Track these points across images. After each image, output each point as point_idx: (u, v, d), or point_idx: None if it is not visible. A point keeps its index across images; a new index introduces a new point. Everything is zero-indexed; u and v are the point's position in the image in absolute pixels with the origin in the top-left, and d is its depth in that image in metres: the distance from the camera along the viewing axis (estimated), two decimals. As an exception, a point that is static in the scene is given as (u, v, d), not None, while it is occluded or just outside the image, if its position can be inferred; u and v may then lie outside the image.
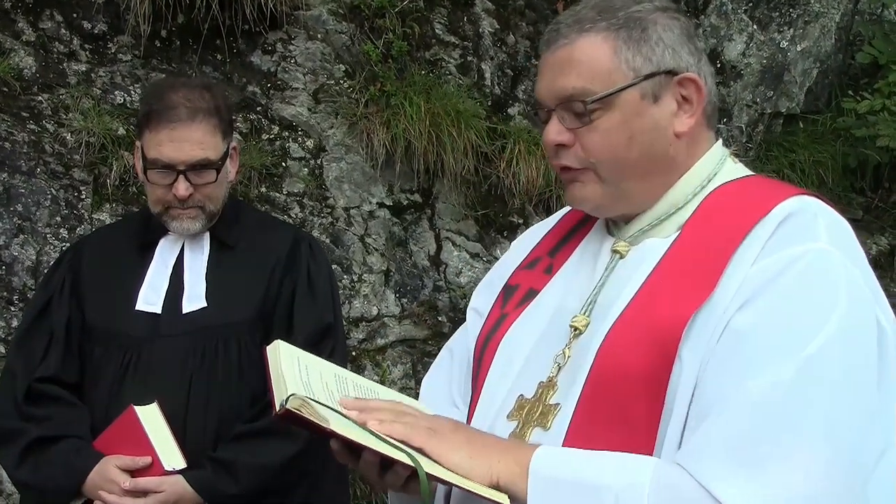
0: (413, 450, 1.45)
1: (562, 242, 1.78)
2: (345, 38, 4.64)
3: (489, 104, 4.78)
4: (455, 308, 4.41)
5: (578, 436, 1.51)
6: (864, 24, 5.65)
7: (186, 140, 2.52)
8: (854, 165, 5.35)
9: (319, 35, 4.63)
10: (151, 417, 2.47)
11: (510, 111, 4.79)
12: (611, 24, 1.58)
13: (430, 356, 4.13)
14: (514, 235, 4.09)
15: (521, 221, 4.65)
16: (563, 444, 1.52)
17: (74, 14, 4.35)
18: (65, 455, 2.52)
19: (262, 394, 2.40)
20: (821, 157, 5.28)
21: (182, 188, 2.53)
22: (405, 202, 4.57)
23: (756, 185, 1.63)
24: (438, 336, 4.29)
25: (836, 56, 5.58)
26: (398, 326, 4.36)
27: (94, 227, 3.92)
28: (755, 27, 5.33)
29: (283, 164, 4.42)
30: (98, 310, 2.64)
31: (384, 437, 1.45)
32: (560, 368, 1.60)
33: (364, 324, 4.30)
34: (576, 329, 1.61)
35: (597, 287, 1.63)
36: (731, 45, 5.29)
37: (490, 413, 1.66)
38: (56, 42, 4.29)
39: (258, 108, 4.48)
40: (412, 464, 1.42)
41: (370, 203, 4.49)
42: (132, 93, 4.28)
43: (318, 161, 4.47)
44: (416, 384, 4.25)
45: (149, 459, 2.46)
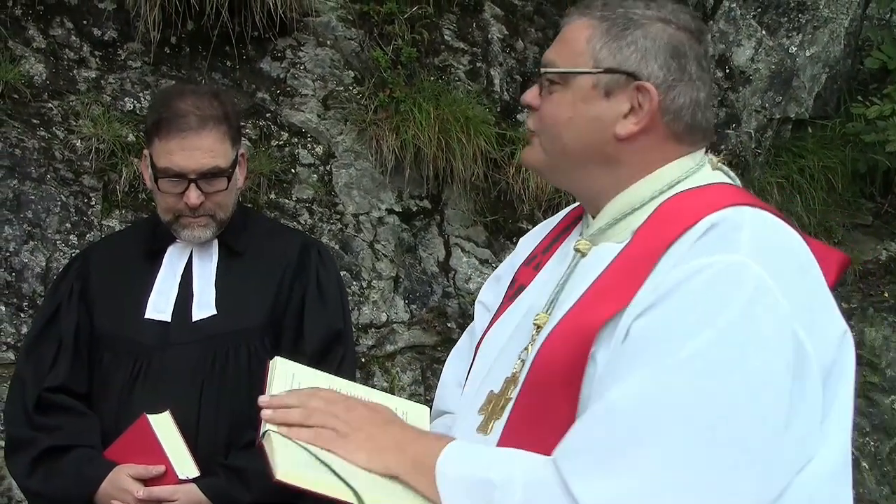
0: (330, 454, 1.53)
1: (555, 240, 1.82)
2: (354, 45, 4.64)
3: (498, 110, 4.78)
4: (464, 314, 4.40)
5: (512, 432, 1.58)
6: (873, 30, 5.63)
7: (197, 148, 2.52)
8: (863, 171, 5.33)
9: (329, 41, 4.63)
10: (164, 426, 2.46)
11: (519, 117, 4.78)
12: (603, 16, 1.63)
13: (440, 362, 4.12)
14: (524, 242, 4.07)
15: (531, 227, 4.62)
16: (499, 440, 1.58)
17: (84, 21, 4.36)
18: (76, 464, 2.52)
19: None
20: (830, 163, 5.26)
21: (194, 196, 2.53)
22: (414, 208, 4.57)
23: (706, 194, 1.60)
24: (448, 342, 4.28)
25: (845, 61, 5.56)
26: (407, 333, 4.36)
27: (104, 234, 3.91)
28: (764, 32, 5.32)
29: (293, 171, 4.42)
30: (107, 317, 2.64)
31: (334, 469, 1.51)
32: (523, 364, 1.64)
33: (373, 330, 4.30)
34: (538, 327, 1.65)
35: (558, 285, 1.67)
36: (740, 51, 5.27)
37: (466, 405, 1.73)
38: (66, 49, 4.30)
39: (267, 115, 4.48)
40: (356, 501, 1.47)
41: (379, 209, 4.49)
42: (142, 99, 4.28)
43: (328, 167, 4.47)
44: (426, 390, 4.24)
45: (162, 468, 2.45)
